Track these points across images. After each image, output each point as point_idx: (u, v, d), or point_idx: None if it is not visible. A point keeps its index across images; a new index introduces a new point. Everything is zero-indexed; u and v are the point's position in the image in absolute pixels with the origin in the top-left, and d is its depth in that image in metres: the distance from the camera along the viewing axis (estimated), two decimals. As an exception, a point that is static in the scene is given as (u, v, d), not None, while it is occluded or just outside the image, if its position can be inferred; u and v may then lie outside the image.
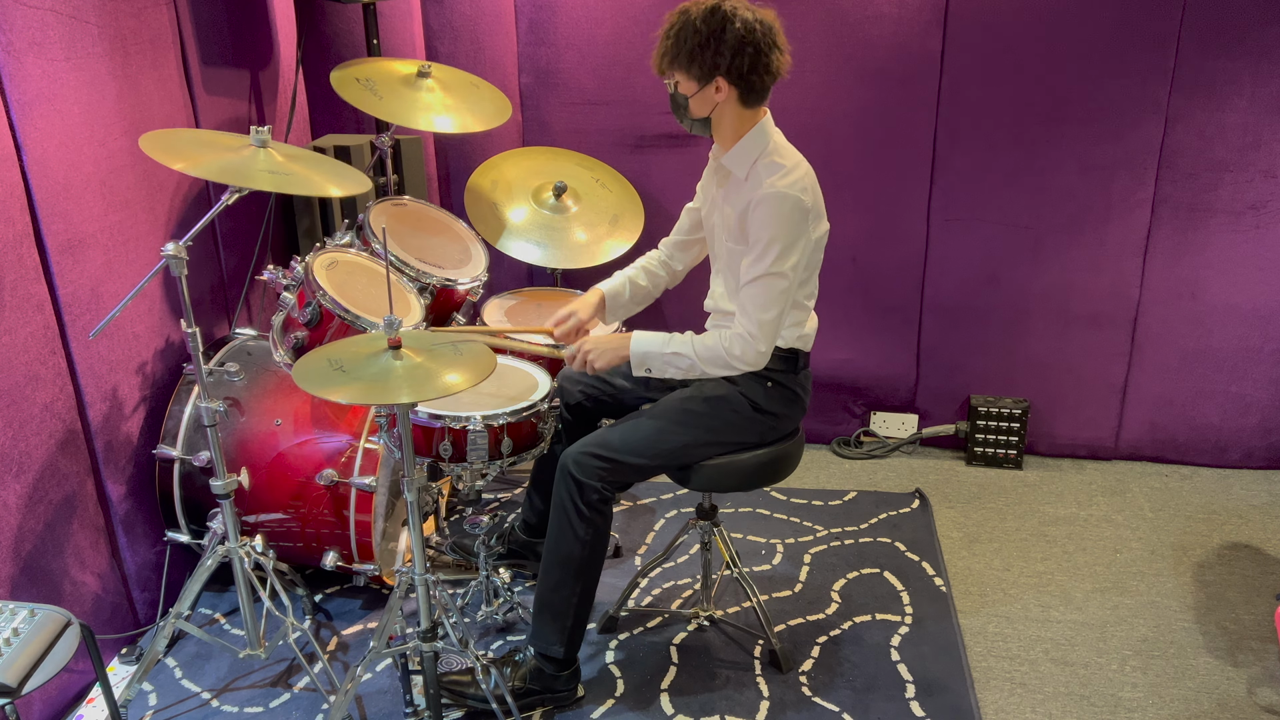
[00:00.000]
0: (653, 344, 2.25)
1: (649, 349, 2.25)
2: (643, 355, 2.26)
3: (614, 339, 2.30)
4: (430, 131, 3.17)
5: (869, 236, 3.33)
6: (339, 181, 2.26)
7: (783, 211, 2.12)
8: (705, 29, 2.08)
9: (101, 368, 2.42)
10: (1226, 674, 2.47)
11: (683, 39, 2.10)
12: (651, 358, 2.26)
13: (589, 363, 2.29)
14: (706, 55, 2.09)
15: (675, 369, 2.26)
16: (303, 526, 2.57)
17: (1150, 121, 3.06)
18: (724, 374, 2.25)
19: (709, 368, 2.23)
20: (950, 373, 3.46)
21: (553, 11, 3.23)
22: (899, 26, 3.09)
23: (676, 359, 2.24)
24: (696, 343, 2.23)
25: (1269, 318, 3.19)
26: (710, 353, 2.21)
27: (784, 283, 2.15)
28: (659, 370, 2.27)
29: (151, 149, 2.07)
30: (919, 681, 2.44)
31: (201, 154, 2.12)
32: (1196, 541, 3.00)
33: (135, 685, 2.34)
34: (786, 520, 3.11)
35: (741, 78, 2.11)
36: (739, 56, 2.09)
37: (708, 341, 2.22)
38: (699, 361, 2.22)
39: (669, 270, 2.55)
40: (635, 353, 2.26)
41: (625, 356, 2.28)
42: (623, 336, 2.29)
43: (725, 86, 2.13)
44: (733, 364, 2.20)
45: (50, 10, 2.22)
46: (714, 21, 2.07)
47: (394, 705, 2.39)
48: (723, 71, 2.11)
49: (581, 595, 2.29)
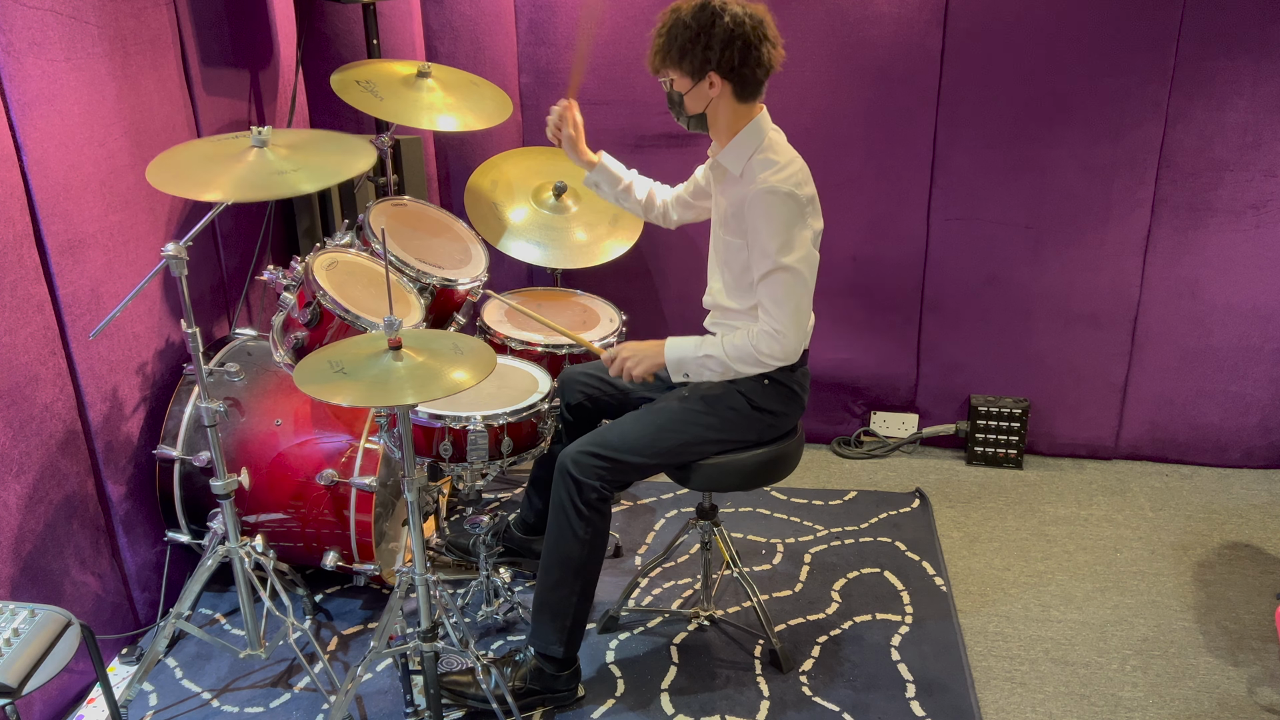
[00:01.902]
0: (686, 349, 2.27)
1: (683, 354, 2.27)
2: (678, 361, 2.28)
3: (650, 346, 2.32)
4: (431, 131, 3.17)
5: (869, 236, 3.33)
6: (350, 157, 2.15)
7: (776, 207, 2.13)
8: (695, 24, 2.10)
9: (102, 368, 2.42)
10: (1227, 674, 2.47)
11: (673, 36, 2.13)
12: (686, 363, 2.28)
13: (626, 370, 2.32)
14: (697, 50, 2.11)
15: (710, 371, 2.27)
16: (303, 526, 2.57)
17: (1150, 121, 3.06)
18: (756, 371, 2.26)
19: (740, 366, 2.24)
20: (950, 372, 3.46)
21: (553, 11, 3.23)
22: (899, 26, 3.09)
23: (709, 361, 2.25)
24: (726, 343, 2.24)
25: (1269, 317, 3.19)
26: (739, 351, 2.22)
27: (792, 276, 2.16)
28: (695, 375, 2.29)
29: (160, 181, 2.02)
30: (919, 681, 2.44)
31: (211, 174, 2.04)
32: (1197, 541, 3.00)
33: (135, 685, 2.35)
34: (787, 520, 3.11)
35: (733, 71, 2.13)
36: (729, 50, 2.10)
37: (736, 341, 2.23)
38: (730, 361, 2.23)
39: (665, 210, 2.59)
40: (670, 359, 2.29)
41: (662, 364, 2.30)
42: (658, 343, 2.31)
43: (719, 81, 2.15)
44: (763, 360, 2.21)
45: (50, 10, 2.22)
46: (703, 17, 2.10)
47: (394, 705, 2.39)
48: (714, 66, 2.12)
49: (581, 595, 2.29)
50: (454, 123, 2.81)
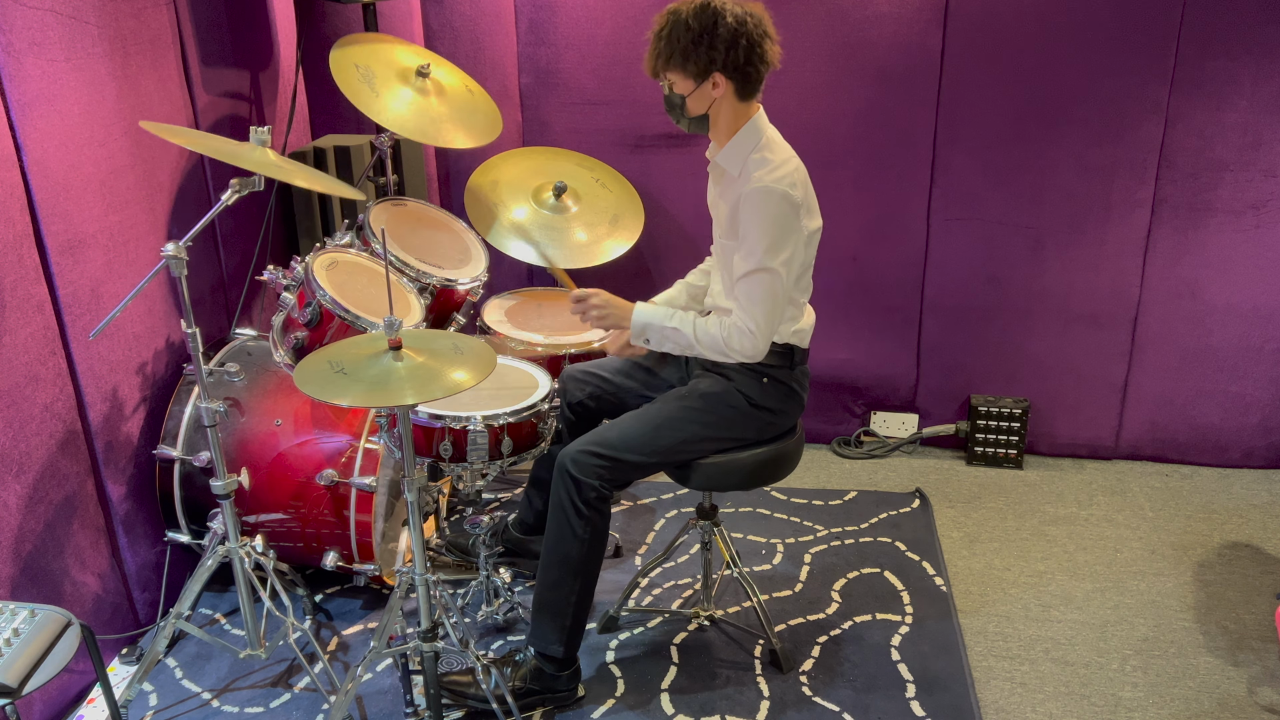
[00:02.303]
0: (655, 316, 2.28)
1: (650, 320, 2.28)
2: (643, 325, 2.29)
3: (621, 303, 2.32)
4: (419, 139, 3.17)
5: (869, 236, 3.33)
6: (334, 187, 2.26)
7: (769, 206, 2.12)
8: (697, 25, 2.09)
9: (101, 368, 2.42)
10: (1227, 674, 2.47)
11: (675, 38, 2.12)
12: (651, 329, 2.28)
13: (591, 318, 2.32)
14: (701, 51, 2.11)
15: (673, 344, 2.27)
16: (303, 527, 2.57)
17: (1150, 121, 3.06)
18: (718, 360, 2.26)
19: (705, 351, 2.24)
20: (950, 372, 3.46)
21: (553, 11, 3.23)
22: (899, 26, 3.09)
23: (675, 334, 2.26)
24: (699, 325, 2.24)
25: (1269, 317, 3.19)
26: (709, 338, 2.22)
27: (773, 277, 2.16)
28: (656, 342, 2.29)
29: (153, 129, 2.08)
30: (919, 681, 2.44)
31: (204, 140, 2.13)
32: (1197, 541, 3.00)
33: (135, 685, 2.34)
34: (787, 520, 3.11)
35: (738, 70, 2.13)
36: (733, 50, 2.10)
37: (709, 328, 2.23)
38: (696, 344, 2.24)
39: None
40: (636, 322, 2.29)
41: (626, 325, 2.30)
42: (630, 305, 2.31)
43: (723, 81, 2.14)
44: (729, 354, 2.22)
45: (50, 10, 2.22)
46: (705, 18, 2.09)
47: (394, 705, 2.39)
48: (719, 66, 2.12)
49: (580, 594, 2.29)
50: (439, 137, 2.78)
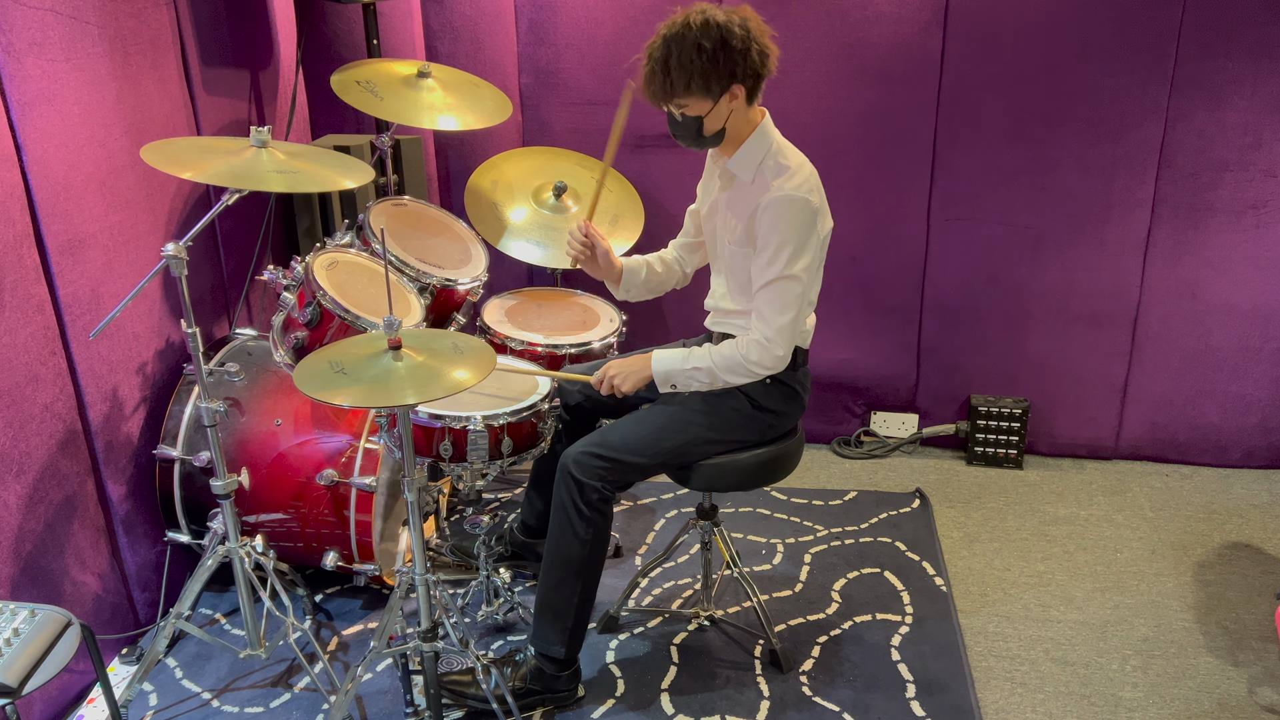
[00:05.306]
0: (673, 362, 2.27)
1: (670, 367, 2.27)
2: (665, 374, 2.28)
3: (636, 361, 2.31)
4: (432, 130, 3.17)
5: (869, 236, 3.33)
6: (345, 173, 2.24)
7: (792, 215, 2.12)
8: (710, 45, 2.04)
9: (101, 368, 2.42)
10: (1227, 674, 2.47)
11: (688, 62, 2.04)
12: (674, 375, 2.27)
13: (615, 387, 2.31)
14: (720, 68, 2.06)
15: (697, 383, 2.27)
16: (303, 526, 2.57)
17: (1150, 121, 3.06)
18: (744, 381, 2.25)
19: (729, 376, 2.23)
20: (950, 372, 3.46)
21: (553, 11, 3.23)
22: (899, 26, 3.09)
23: (696, 373, 2.25)
24: (714, 354, 2.23)
25: (1269, 317, 3.19)
26: (728, 361, 2.21)
27: (798, 286, 2.15)
28: (683, 386, 2.28)
29: (155, 159, 2.06)
30: (919, 681, 2.44)
31: (206, 160, 2.11)
32: (1197, 541, 3.00)
33: (136, 685, 2.34)
34: (787, 520, 3.11)
35: (755, 75, 2.11)
36: (747, 57, 2.07)
37: (725, 351, 2.22)
38: (719, 372, 2.23)
39: (680, 269, 2.56)
40: (657, 372, 2.28)
41: (649, 377, 2.29)
42: (644, 357, 2.30)
43: (741, 92, 2.11)
44: (751, 369, 2.21)
45: (50, 10, 2.22)
46: (714, 33, 2.04)
47: (394, 705, 2.39)
48: (740, 78, 2.09)
49: (582, 595, 2.29)
50: (454, 122, 2.81)
